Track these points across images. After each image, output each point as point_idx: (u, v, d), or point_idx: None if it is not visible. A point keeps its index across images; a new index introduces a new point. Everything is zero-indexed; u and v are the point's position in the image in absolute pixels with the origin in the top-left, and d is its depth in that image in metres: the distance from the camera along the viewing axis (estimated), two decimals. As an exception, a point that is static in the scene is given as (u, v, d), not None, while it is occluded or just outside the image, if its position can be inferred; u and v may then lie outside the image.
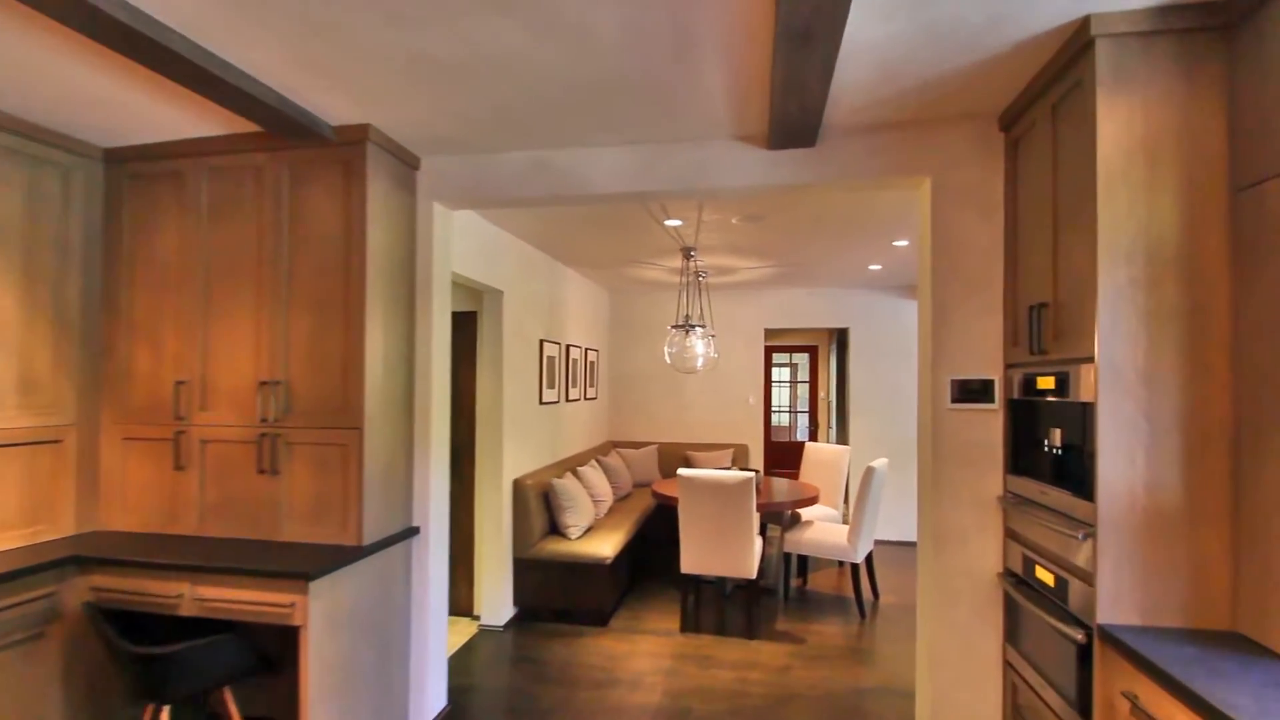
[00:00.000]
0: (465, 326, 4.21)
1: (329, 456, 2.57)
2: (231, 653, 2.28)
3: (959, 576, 2.46)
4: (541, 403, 4.71)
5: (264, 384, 2.62)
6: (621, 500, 5.53)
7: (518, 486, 4.17)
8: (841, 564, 5.50)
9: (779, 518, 5.48)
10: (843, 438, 8.91)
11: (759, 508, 4.20)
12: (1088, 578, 1.83)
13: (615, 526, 4.56)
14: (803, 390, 10.79)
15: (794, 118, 2.27)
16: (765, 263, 5.15)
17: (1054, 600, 2.02)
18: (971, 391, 2.45)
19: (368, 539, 2.56)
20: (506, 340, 4.10)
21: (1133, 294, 1.77)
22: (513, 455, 4.19)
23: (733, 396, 6.64)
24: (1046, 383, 2.07)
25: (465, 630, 4.03)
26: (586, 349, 5.89)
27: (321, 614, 2.30)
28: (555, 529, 4.41)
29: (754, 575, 3.92)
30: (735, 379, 6.64)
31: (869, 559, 4.59)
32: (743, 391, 6.63)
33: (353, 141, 2.57)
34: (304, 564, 2.31)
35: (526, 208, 3.13)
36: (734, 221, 3.79)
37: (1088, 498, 1.83)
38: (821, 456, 5.56)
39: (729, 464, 6.28)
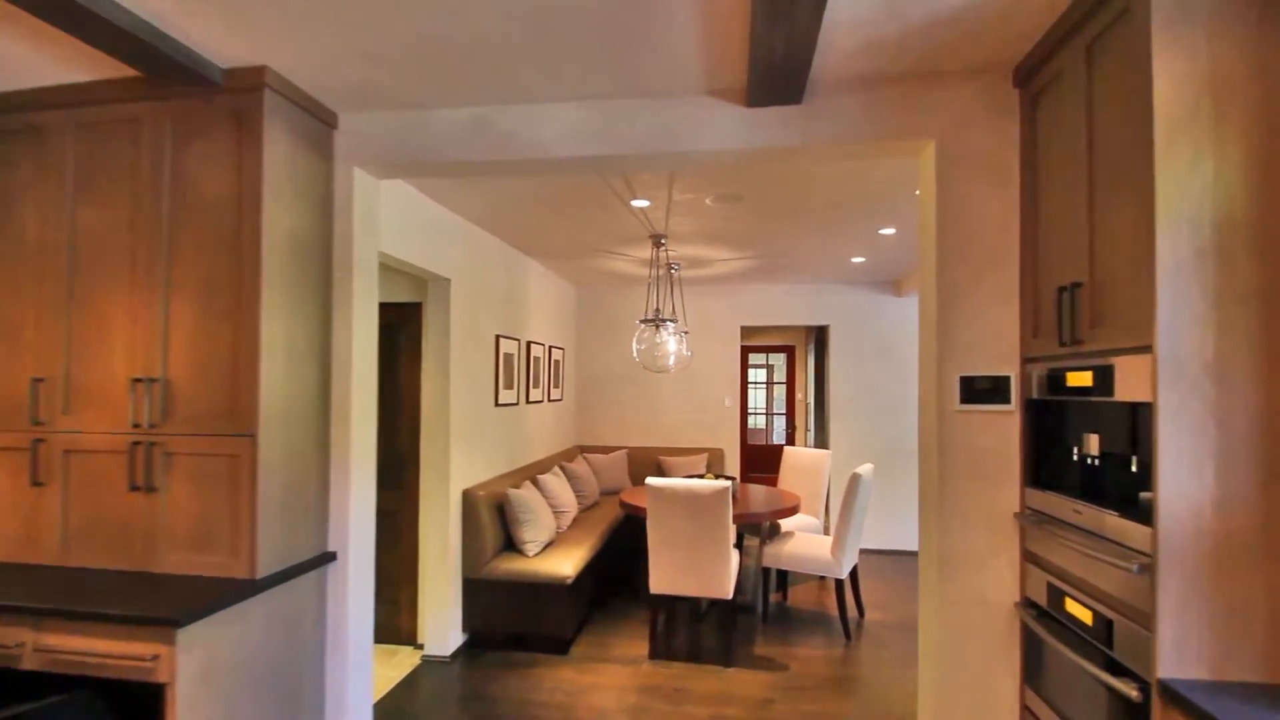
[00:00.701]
0: (408, 319, 3.76)
1: (216, 470, 2.11)
2: (76, 718, 1.82)
3: (969, 606, 2.10)
4: (498, 404, 4.27)
5: (138, 381, 2.16)
6: (588, 510, 5.11)
7: (468, 498, 3.73)
8: (823, 578, 5.16)
9: (757, 529, 5.11)
10: (821, 441, 8.61)
11: (736, 519, 3.82)
12: (1142, 619, 1.47)
13: (579, 541, 4.14)
14: (779, 392, 10.49)
15: (778, 62, 1.89)
16: (742, 254, 4.79)
17: (1092, 642, 1.66)
18: (983, 391, 2.09)
19: (264, 569, 2.11)
20: (455, 335, 3.66)
21: (1199, 269, 1.42)
22: (462, 463, 3.75)
23: (708, 398, 6.27)
24: (1080, 379, 1.72)
25: (406, 662, 3.58)
26: (550, 347, 5.46)
27: (194, 668, 1.85)
28: (512, 545, 3.97)
29: (730, 596, 3.53)
30: (710, 380, 6.27)
31: (854, 573, 4.24)
32: (718, 393, 6.27)
33: (246, 88, 2.12)
34: (173, 605, 1.85)
35: (467, 176, 2.70)
36: (708, 202, 3.41)
37: (1143, 520, 1.48)
38: (801, 461, 5.22)
39: (704, 469, 5.90)
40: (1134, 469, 1.56)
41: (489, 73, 2.12)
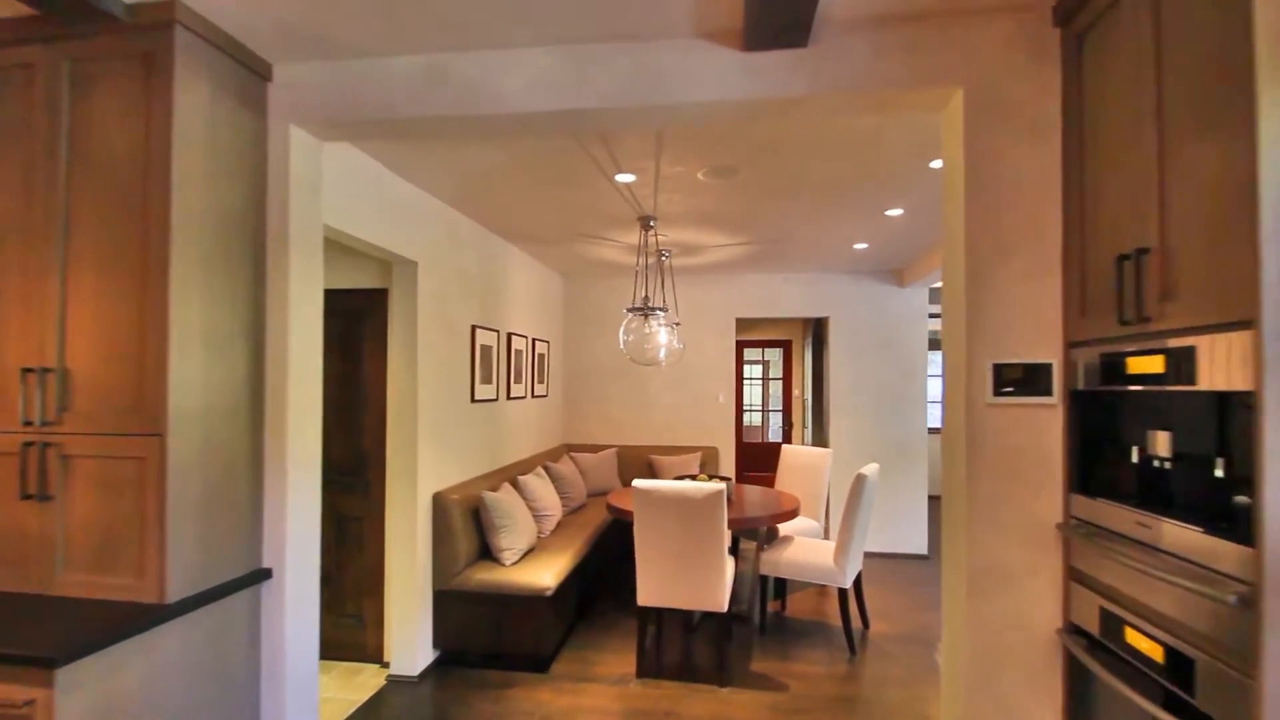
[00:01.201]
0: (373, 306, 3.44)
1: (121, 475, 1.80)
2: (-68, 781, 1.50)
3: (1002, 631, 1.80)
4: (474, 400, 3.96)
5: (29, 372, 1.83)
6: (573, 513, 4.80)
7: (439, 502, 3.42)
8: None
9: (754, 533, 4.82)
10: (819, 439, 8.32)
11: (731, 524, 3.52)
12: (1237, 661, 1.18)
13: (562, 547, 3.84)
14: (775, 388, 10.20)
15: (781, -12, 1.58)
16: (736, 239, 4.48)
17: (1163, 683, 1.37)
18: (1019, 381, 1.79)
19: (177, 592, 1.79)
20: (423, 323, 3.35)
21: (1315, 221, 1.12)
22: (432, 464, 3.43)
23: (701, 394, 5.97)
24: (1146, 365, 1.42)
25: (370, 683, 3.26)
26: (534, 340, 5.14)
27: (82, 714, 1.53)
28: (488, 553, 3.66)
29: (725, 608, 3.23)
30: (704, 374, 5.96)
31: (857, 581, 3.95)
32: (712, 388, 5.96)
33: (155, 25, 1.80)
34: (58, 637, 1.54)
35: (422, 137, 2.39)
36: (700, 177, 3.10)
37: (1241, 540, 1.18)
38: (800, 460, 4.92)
39: (697, 469, 5.60)
40: (1220, 474, 1.27)
41: (446, 12, 1.81)
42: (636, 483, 3.20)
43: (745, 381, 10.08)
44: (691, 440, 5.97)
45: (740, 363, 9.83)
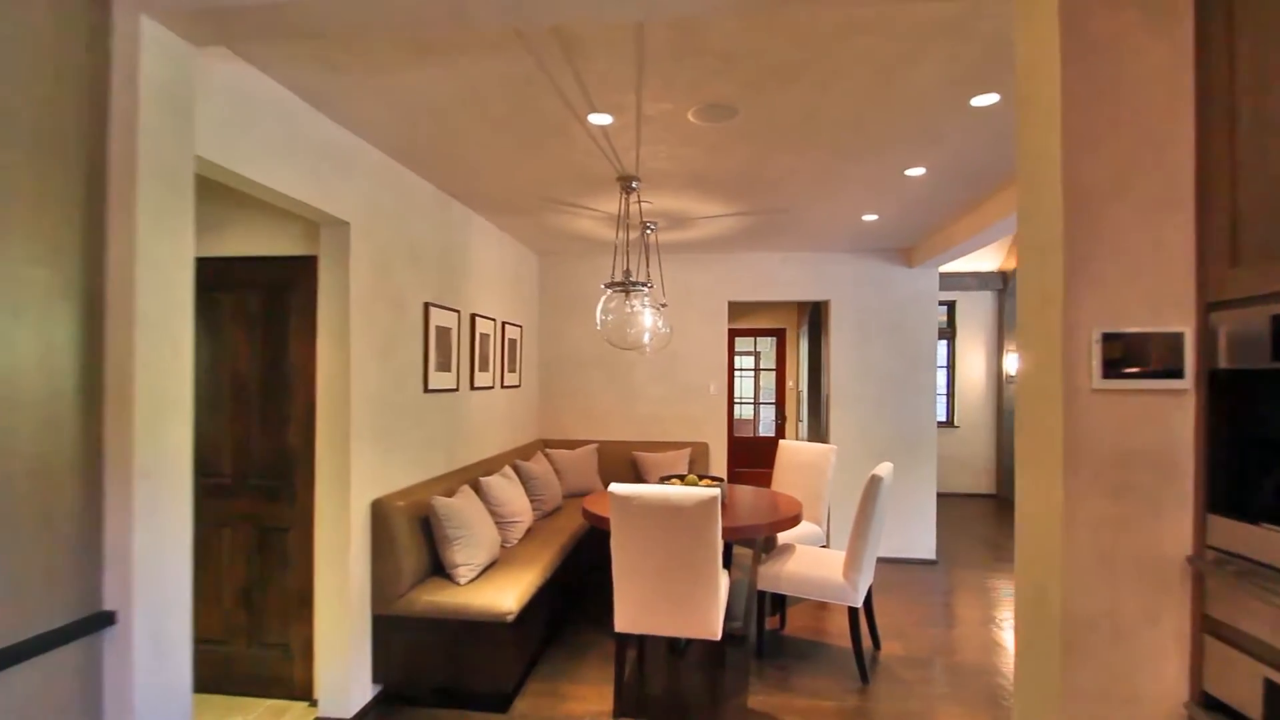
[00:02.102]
0: (298, 278, 2.89)
1: None
2: None
3: (1107, 704, 1.31)
4: (428, 390, 3.42)
5: None
6: (547, 517, 4.28)
7: (380, 511, 2.88)
8: (825, 593, 4.38)
9: (750, 542, 4.33)
10: (815, 433, 7.85)
11: (726, 533, 3.02)
12: None
13: (530, 559, 3.32)
14: (767, 380, 9.73)
15: None
16: (731, 208, 3.96)
17: None
18: (1136, 357, 1.29)
19: (-59, 661, 1.25)
20: (359, 297, 2.80)
21: None
22: (372, 464, 2.90)
23: (690, 384, 5.46)
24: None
25: (294, 727, 2.74)
26: (505, 323, 4.60)
27: None
28: (440, 569, 3.13)
29: (719, 635, 2.73)
30: (693, 363, 5.45)
31: (867, 597, 3.47)
32: (702, 379, 5.45)
33: None
34: None
35: (319, 36, 1.84)
36: (690, 118, 2.57)
37: None
38: (800, 457, 4.43)
39: (685, 468, 5.10)
40: None
41: None
42: (614, 488, 2.68)
43: (735, 373, 9.59)
44: (680, 436, 5.46)
45: (731, 353, 9.34)
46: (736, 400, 9.57)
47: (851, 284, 5.31)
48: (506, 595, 2.85)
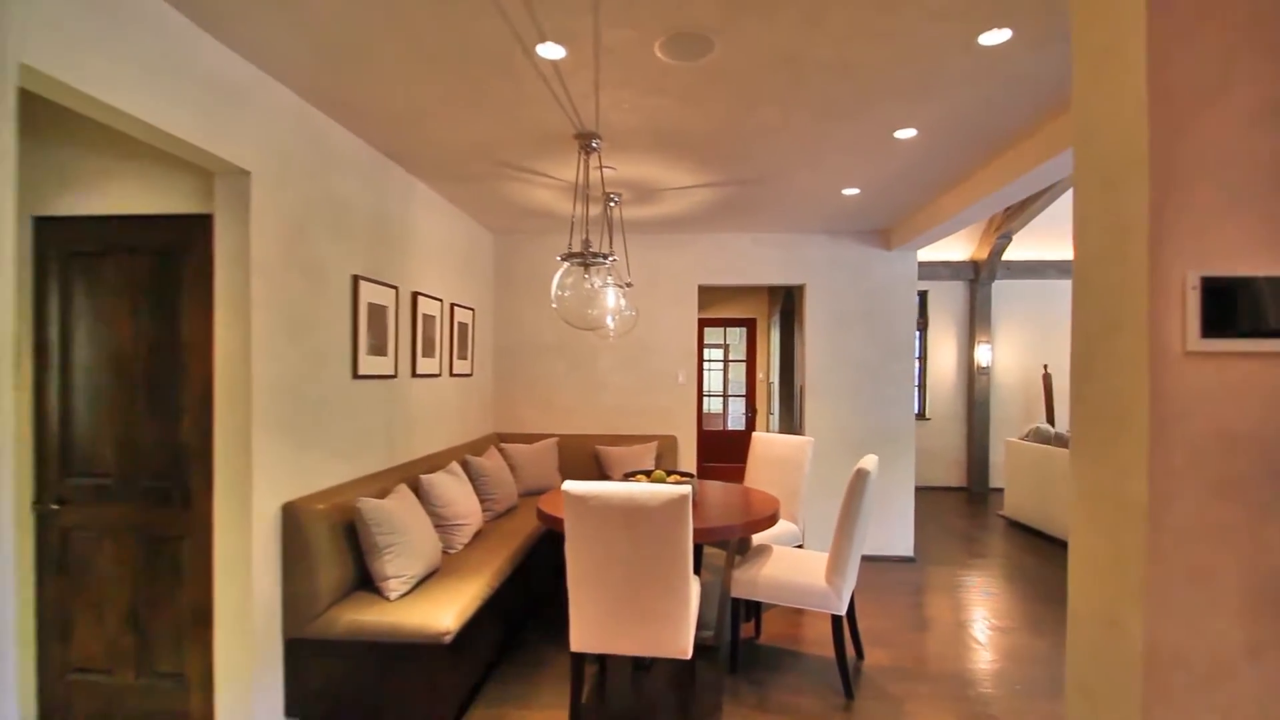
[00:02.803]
0: (193, 240, 2.43)
1: None
2: None
3: (1201, 767, 0.99)
4: (358, 376, 2.99)
5: None
6: (500, 518, 3.88)
7: (293, 515, 2.46)
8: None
9: (723, 543, 4.00)
10: (788, 426, 7.60)
11: (697, 534, 2.68)
12: None
13: (476, 568, 2.93)
14: (736, 372, 9.45)
15: None
16: (703, 177, 3.61)
17: None
18: (1245, 310, 0.98)
19: None
20: (264, 263, 2.36)
21: None
22: (284, 461, 2.47)
23: (657, 373, 5.11)
24: None
25: (184, 775, 2.30)
26: (453, 305, 4.18)
27: None
28: (369, 582, 2.72)
29: (689, 654, 2.39)
30: (660, 351, 5.10)
31: (850, 602, 3.17)
32: (670, 367, 5.11)
33: None
34: None
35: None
36: (658, 53, 2.20)
37: None
38: (774, 451, 4.13)
39: (652, 462, 4.75)
40: None
41: None
42: (568, 486, 2.31)
43: (704, 365, 9.29)
44: (646, 428, 5.11)
45: (700, 344, 9.03)
46: (705, 393, 9.27)
47: (827, 267, 5.02)
48: (444, 612, 2.46)
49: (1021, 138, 2.96)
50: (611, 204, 3.94)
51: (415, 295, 3.57)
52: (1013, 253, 7.93)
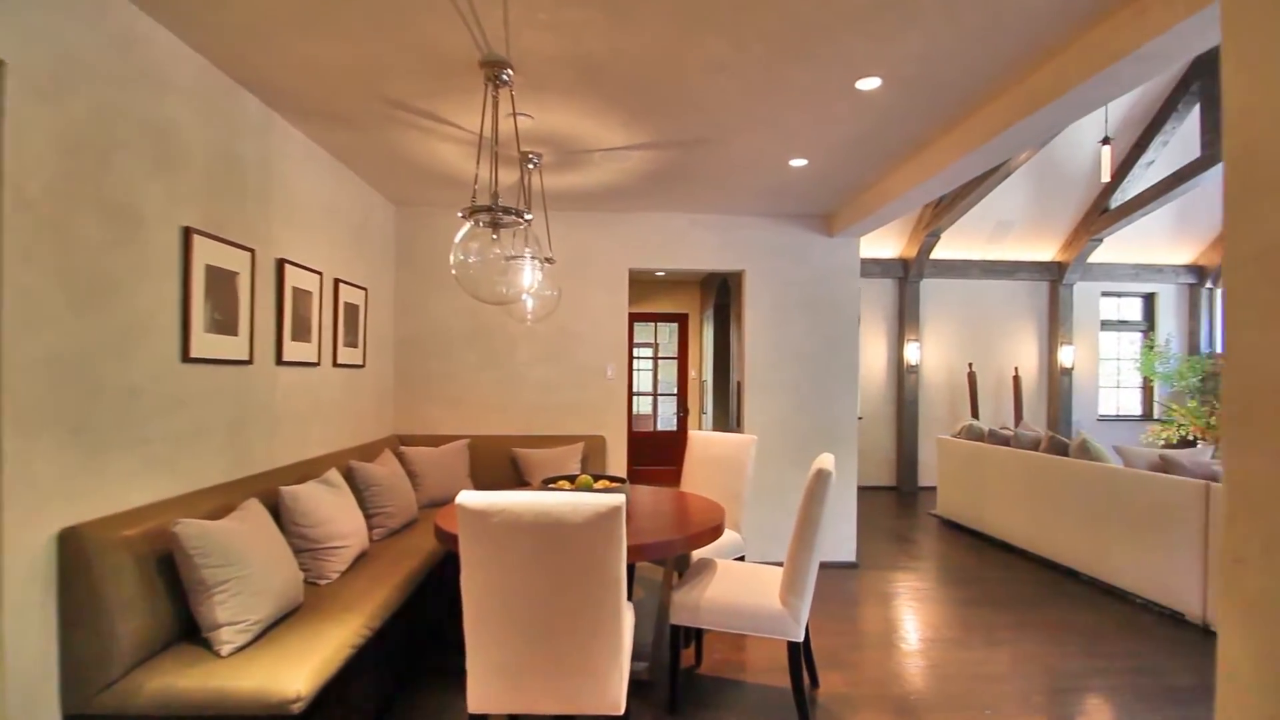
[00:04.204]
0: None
1: None
2: None
3: None
4: (191, 359, 2.30)
5: None
6: (394, 535, 3.24)
7: (75, 546, 1.77)
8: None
9: (661, 561, 3.52)
10: (722, 426, 7.25)
11: (632, 552, 2.19)
12: None
13: (350, 604, 2.31)
14: (666, 371, 9.05)
15: None
16: (638, 135, 3.14)
17: None
18: None
19: None
20: (22, 192, 1.68)
21: None
22: (62, 471, 1.78)
23: (584, 366, 4.58)
24: None
25: None
26: (339, 281, 3.50)
27: None
28: (195, 632, 2.04)
29: (622, 708, 1.88)
30: (587, 341, 4.58)
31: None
32: (598, 359, 4.60)
33: None
34: None
35: None
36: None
37: None
38: (714, 450, 3.69)
39: (578, 466, 4.22)
40: None
41: None
42: (463, 498, 1.75)
43: (633, 363, 8.83)
44: (571, 428, 4.57)
45: (630, 338, 8.56)
46: (634, 393, 8.81)
47: (768, 253, 4.66)
48: (295, 670, 1.84)
49: (991, 96, 2.65)
50: (530, 165, 3.39)
51: (281, 263, 2.89)
52: (939, 251, 7.94)
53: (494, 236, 2.36)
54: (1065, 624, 3.56)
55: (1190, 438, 6.53)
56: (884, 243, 7.81)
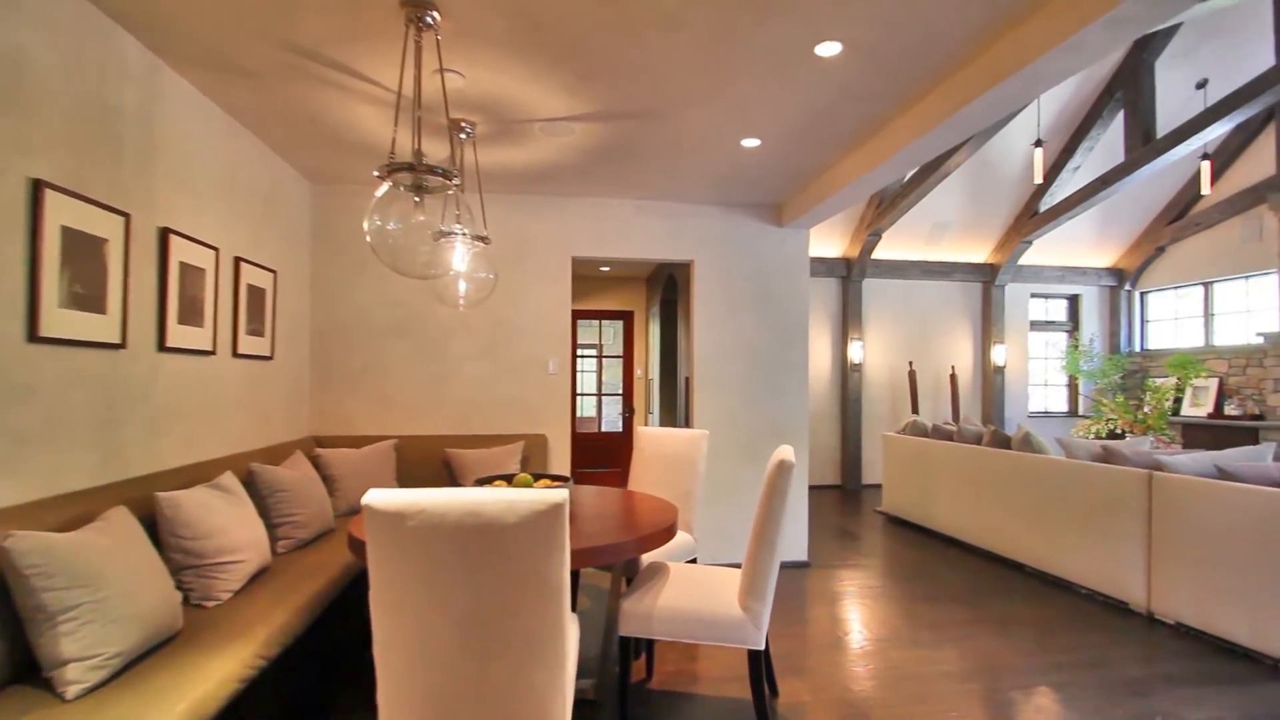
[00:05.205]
0: None
1: None
2: None
3: None
4: (40, 338, 1.90)
5: None
6: (305, 547, 2.86)
7: None
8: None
9: (609, 567, 3.27)
10: (669, 425, 7.05)
11: (576, 558, 1.93)
12: None
13: (241, 629, 1.95)
14: (612, 371, 8.81)
15: None
16: (578, 103, 2.89)
17: None
18: None
19: None
20: None
21: None
22: None
23: (524, 360, 4.28)
24: None
25: None
26: (241, 260, 3.09)
27: None
28: (35, 670, 1.65)
29: (565, 738, 1.62)
30: (527, 334, 4.29)
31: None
32: (539, 353, 4.31)
33: None
34: None
35: None
36: None
37: None
38: (664, 447, 3.48)
39: (517, 466, 3.92)
40: None
41: None
42: (371, 497, 1.46)
43: (577, 361, 8.54)
44: (510, 427, 4.26)
45: (573, 334, 8.27)
46: (578, 393, 8.52)
47: (717, 243, 4.50)
48: (160, 714, 1.49)
49: (951, 70, 2.54)
50: (463, 136, 3.09)
51: (166, 233, 2.49)
52: (881, 252, 8.02)
53: (416, 200, 2.06)
54: (1016, 618, 3.51)
55: (1119, 431, 6.78)
56: (828, 242, 7.83)
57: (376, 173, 2.03)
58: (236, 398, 3.09)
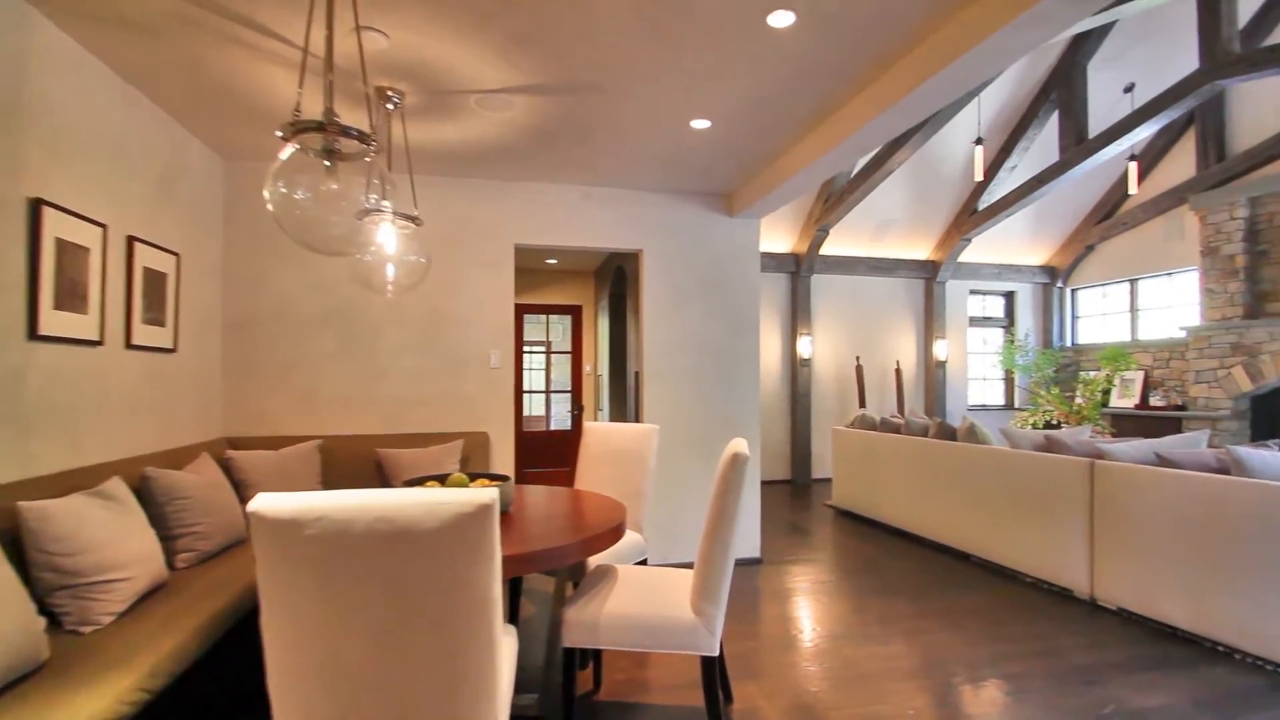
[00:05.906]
0: None
1: None
2: None
3: None
4: None
5: None
6: (208, 561, 2.56)
7: None
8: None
9: (552, 572, 3.08)
10: (619, 421, 6.89)
11: (513, 563, 1.74)
12: None
13: (118, 660, 1.68)
14: (560, 369, 8.58)
15: None
16: (516, 72, 2.69)
17: None
18: None
19: None
20: None
21: None
22: None
23: (463, 354, 4.04)
24: None
25: None
26: (135, 240, 2.76)
27: None
28: None
29: (498, 770, 1.43)
30: (468, 325, 4.04)
31: (717, 629, 2.43)
32: (480, 345, 4.07)
33: None
34: None
35: None
36: None
37: None
38: (612, 443, 3.32)
39: (456, 466, 3.68)
40: None
41: None
42: (259, 503, 1.24)
43: (524, 358, 8.28)
44: (448, 424, 4.01)
45: (518, 332, 8.01)
46: (525, 390, 8.26)
47: (667, 232, 4.36)
48: (-4, 771, 1.23)
49: (909, 45, 2.46)
50: (390, 107, 2.83)
51: (38, 204, 2.16)
52: (828, 248, 8.07)
53: (327, 165, 1.82)
54: (965, 608, 3.50)
55: (1055, 422, 7.01)
56: (778, 237, 7.82)
57: (280, 133, 1.78)
58: (132, 395, 2.75)
